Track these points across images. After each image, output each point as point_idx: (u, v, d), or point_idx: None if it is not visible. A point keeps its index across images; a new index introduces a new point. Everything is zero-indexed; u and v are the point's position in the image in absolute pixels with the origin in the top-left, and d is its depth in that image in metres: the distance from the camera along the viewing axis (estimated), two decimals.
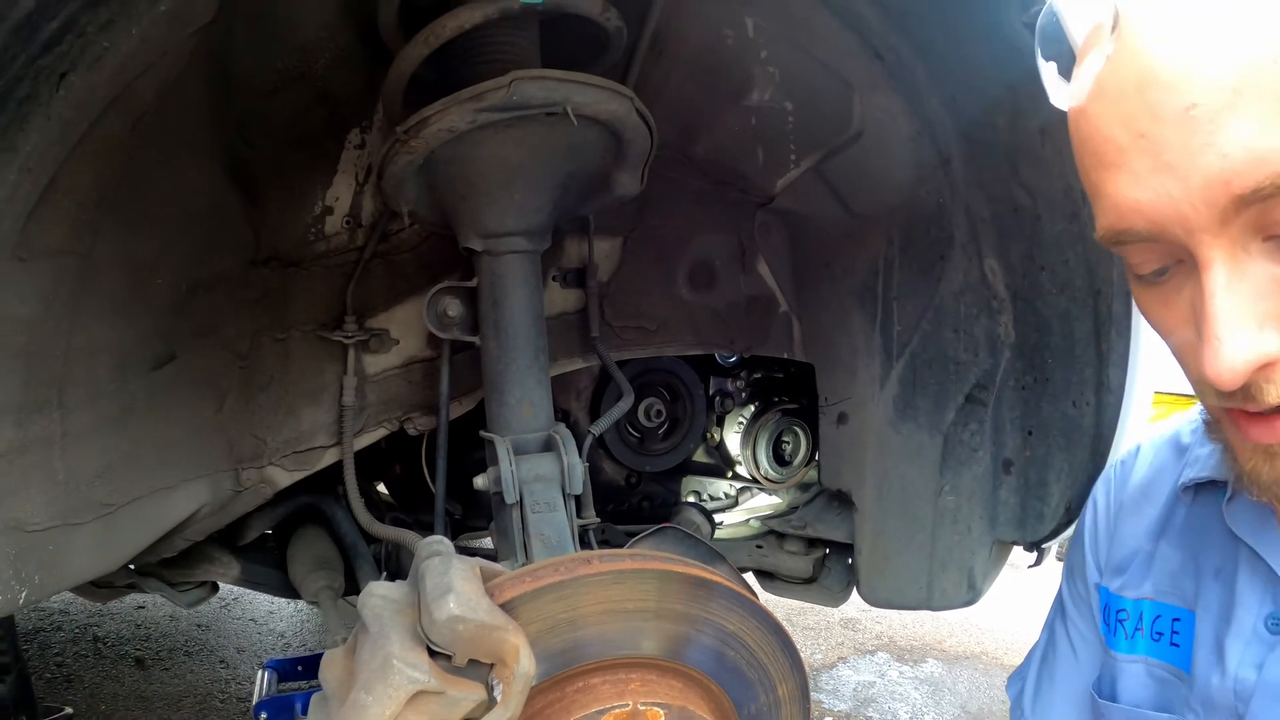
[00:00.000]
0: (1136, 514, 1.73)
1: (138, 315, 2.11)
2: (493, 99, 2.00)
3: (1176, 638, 1.58)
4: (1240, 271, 1.06)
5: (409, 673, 1.39)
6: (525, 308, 2.34)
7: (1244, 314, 1.06)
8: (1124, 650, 1.67)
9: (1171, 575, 1.61)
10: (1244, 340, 1.05)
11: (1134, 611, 1.66)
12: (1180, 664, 1.57)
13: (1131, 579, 1.68)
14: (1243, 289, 1.06)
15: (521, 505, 2.21)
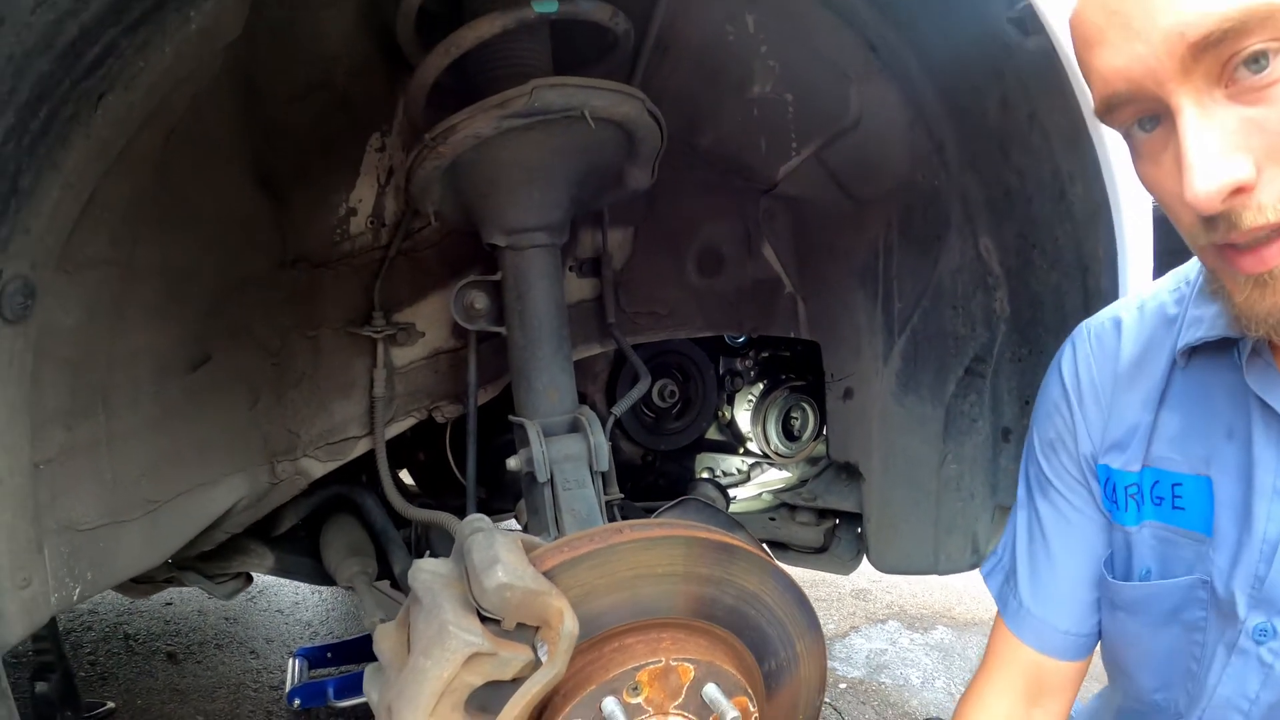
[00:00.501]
0: (1131, 388, 1.70)
1: (175, 320, 2.18)
2: (515, 106, 2.09)
3: (1179, 501, 1.60)
4: (1209, 113, 1.19)
5: (464, 637, 1.51)
6: (548, 298, 2.44)
7: (1215, 145, 1.18)
8: (1132, 521, 1.68)
9: (1171, 441, 1.62)
10: (1216, 166, 1.18)
11: (1141, 482, 1.66)
12: (1189, 525, 1.58)
13: (1135, 453, 1.67)
14: (1213, 125, 1.19)
15: (553, 483, 2.32)
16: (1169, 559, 1.61)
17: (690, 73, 2.66)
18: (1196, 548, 1.56)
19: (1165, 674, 1.68)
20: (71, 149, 1.61)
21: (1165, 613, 1.62)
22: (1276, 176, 1.19)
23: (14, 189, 1.53)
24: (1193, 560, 1.57)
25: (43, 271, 1.68)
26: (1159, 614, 1.63)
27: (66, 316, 1.81)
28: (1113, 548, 1.75)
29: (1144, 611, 1.66)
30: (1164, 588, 1.61)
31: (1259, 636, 1.48)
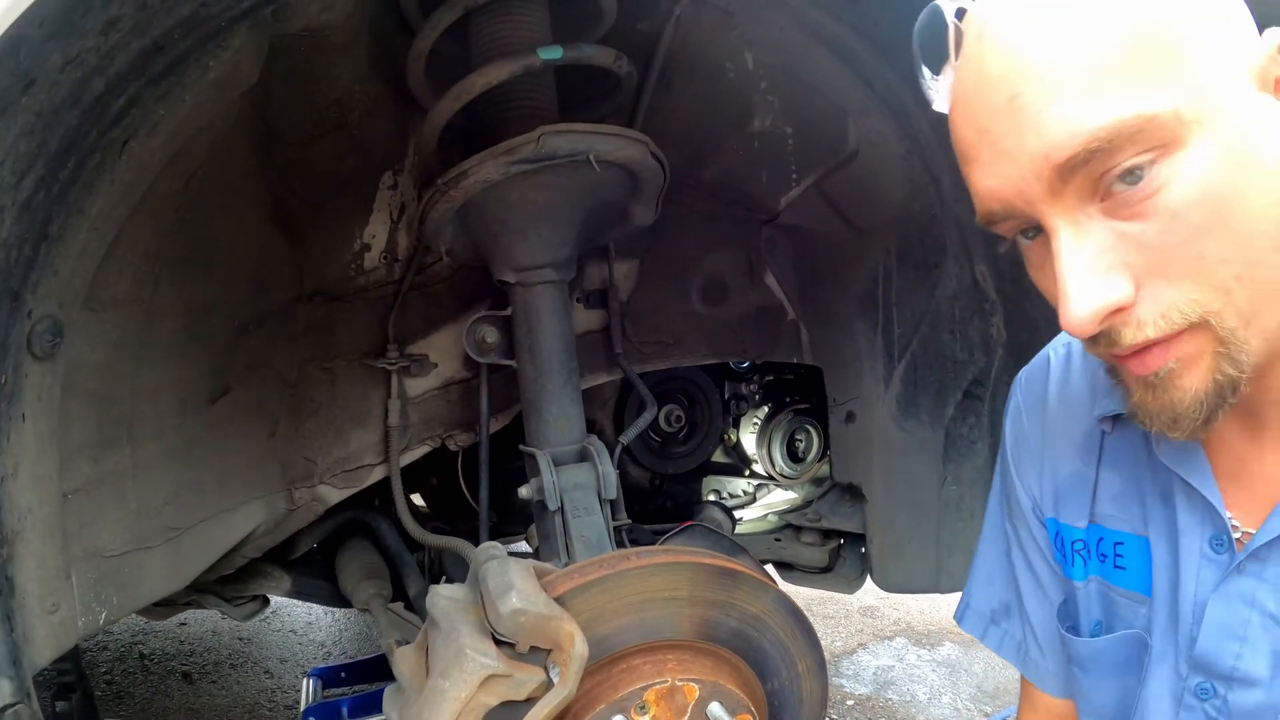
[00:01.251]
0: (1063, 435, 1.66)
1: (195, 354, 2.25)
2: (524, 153, 2.17)
3: (1120, 560, 1.58)
4: (1083, 232, 1.15)
5: (481, 659, 1.59)
6: (557, 333, 2.50)
7: (1089, 269, 1.15)
8: (1080, 577, 1.65)
9: (1113, 499, 1.59)
10: (1090, 292, 1.14)
11: (1088, 539, 1.64)
12: (1131, 585, 1.57)
13: (1083, 507, 1.64)
14: (1087, 246, 1.15)
15: (563, 511, 2.38)
16: (1113, 618, 1.62)
17: (692, 108, 2.71)
18: (1136, 608, 1.57)
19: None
20: (97, 195, 1.68)
21: (1114, 665, 1.62)
22: (1155, 291, 1.16)
23: (44, 235, 1.59)
24: (1131, 618, 1.58)
25: (70, 311, 1.74)
26: (1108, 667, 1.63)
27: (93, 353, 1.88)
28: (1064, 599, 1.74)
29: (1094, 666, 1.66)
30: (1110, 643, 1.61)
31: (1200, 694, 1.49)
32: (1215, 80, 1.12)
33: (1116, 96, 1.10)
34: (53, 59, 1.40)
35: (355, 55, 2.28)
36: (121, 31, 1.48)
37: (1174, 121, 1.09)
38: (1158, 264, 1.15)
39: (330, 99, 2.34)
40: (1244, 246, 1.12)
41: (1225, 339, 1.16)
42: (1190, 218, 1.11)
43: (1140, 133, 1.09)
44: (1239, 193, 1.11)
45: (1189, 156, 1.11)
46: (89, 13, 1.39)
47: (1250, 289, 1.14)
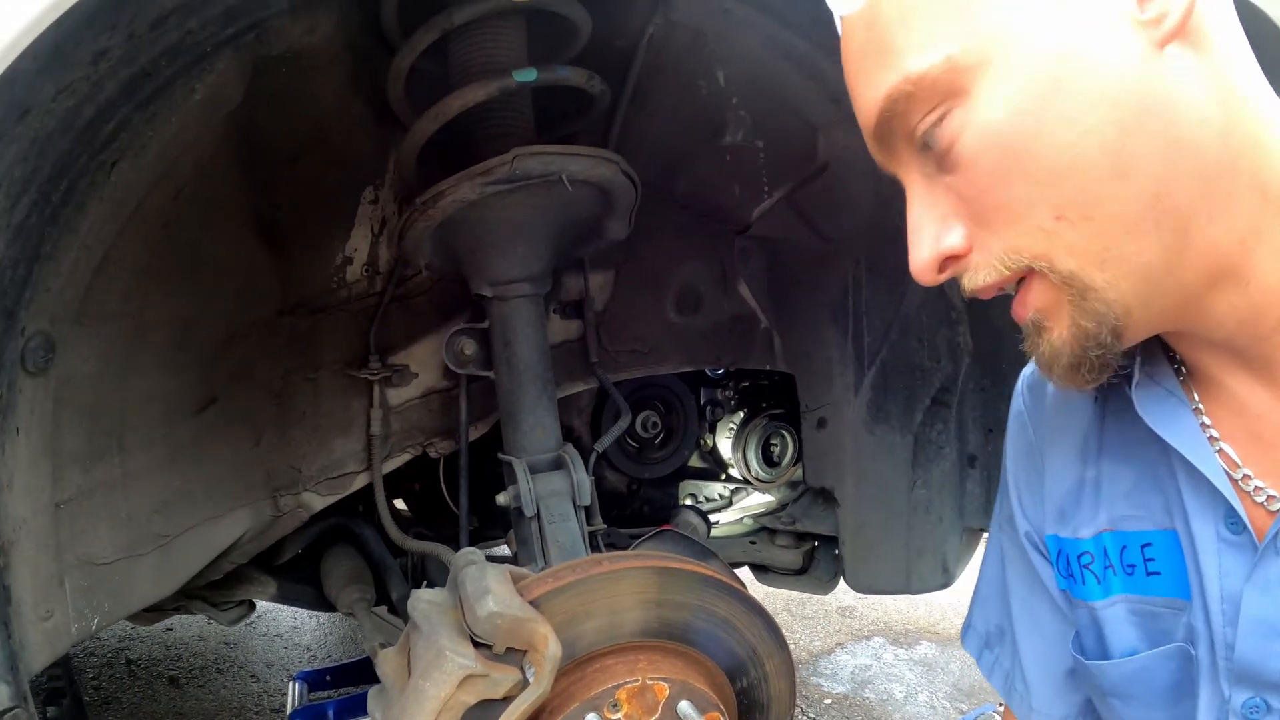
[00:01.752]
0: (1063, 444, 1.50)
1: (183, 366, 2.29)
2: (498, 174, 2.21)
3: (1152, 565, 1.37)
4: (920, 187, 1.19)
5: (459, 660, 1.66)
6: (533, 345, 2.55)
7: (923, 219, 1.19)
8: (1099, 597, 1.43)
9: (1127, 496, 1.40)
10: (923, 242, 1.18)
11: (1096, 550, 1.43)
12: (1169, 592, 1.35)
13: (1086, 515, 1.45)
14: (922, 199, 1.19)
15: (539, 517, 2.43)
16: (1154, 634, 1.39)
17: (666, 123, 2.75)
18: (1177, 617, 1.35)
19: None
20: (88, 214, 1.72)
21: (1164, 690, 1.39)
22: (983, 239, 1.16)
23: (37, 255, 1.64)
24: (1174, 631, 1.35)
25: (62, 326, 1.78)
26: (1157, 693, 1.40)
27: (84, 366, 1.91)
28: (1078, 626, 1.52)
29: (1138, 693, 1.42)
30: (1152, 659, 1.38)
31: (1250, 714, 1.26)
32: (1008, 13, 1.08)
33: (891, 67, 1.13)
34: (45, 89, 1.44)
35: (337, 75, 2.32)
36: (111, 61, 1.54)
37: (947, 73, 1.09)
38: (976, 213, 1.15)
39: (313, 117, 2.37)
40: (1055, 183, 1.08)
41: (1071, 285, 1.12)
42: (982, 165, 1.11)
43: (913, 93, 1.12)
44: (1040, 127, 1.07)
45: (974, 104, 1.10)
46: (80, 45, 1.44)
47: (1084, 228, 1.09)
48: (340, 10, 2.14)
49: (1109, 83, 1.05)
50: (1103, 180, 1.06)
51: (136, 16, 1.52)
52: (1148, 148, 1.05)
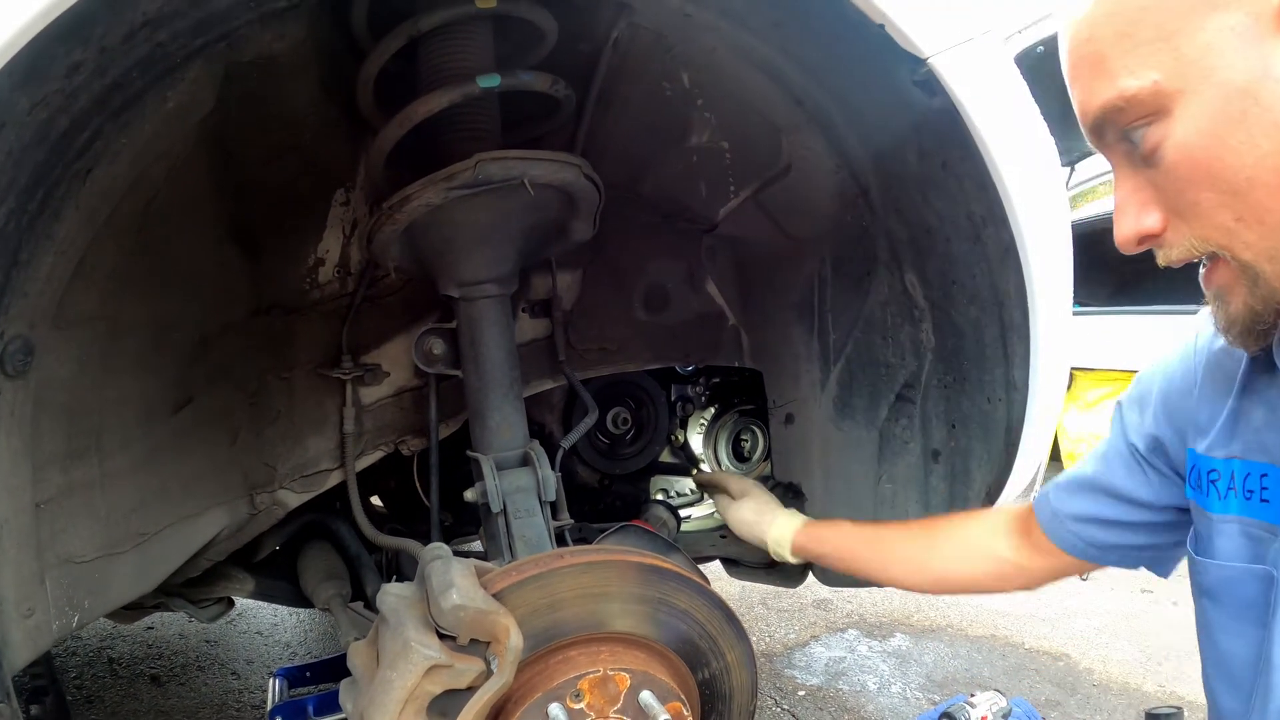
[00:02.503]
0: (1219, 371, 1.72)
1: (159, 367, 2.33)
2: (462, 179, 2.25)
3: (1266, 493, 1.59)
4: (1128, 171, 1.41)
5: (424, 651, 1.71)
6: (499, 344, 2.59)
7: (1128, 202, 1.42)
8: (1217, 510, 1.67)
9: (1256, 431, 1.62)
10: (1127, 221, 1.42)
11: (1224, 471, 1.67)
12: (1270, 518, 1.57)
13: (1219, 438, 1.69)
14: (1129, 184, 1.42)
15: (505, 513, 2.48)
16: (1253, 553, 1.62)
17: (632, 125, 2.78)
18: (1272, 541, 1.57)
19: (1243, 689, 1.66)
20: (64, 220, 1.76)
21: (1244, 604, 1.63)
22: (1176, 225, 1.38)
23: (14, 262, 1.68)
24: (1266, 553, 1.58)
25: (40, 330, 1.82)
26: (1239, 604, 1.64)
27: (61, 369, 1.95)
28: (1196, 528, 1.77)
29: (1225, 599, 1.67)
30: (1244, 572, 1.62)
31: None
32: (1204, 50, 1.26)
33: (1107, 80, 1.35)
34: (21, 104, 1.48)
35: (307, 80, 2.35)
36: (84, 74, 1.57)
37: (1153, 96, 1.30)
38: (1172, 205, 1.37)
39: (284, 121, 2.41)
40: (1238, 194, 1.28)
41: (1244, 272, 1.35)
42: (1178, 173, 1.33)
43: (1125, 108, 1.34)
44: (1227, 150, 1.26)
45: (1174, 121, 1.30)
46: (53, 60, 1.48)
47: (1258, 230, 1.29)
48: (309, 17, 2.16)
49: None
50: (1274, 195, 1.26)
51: (108, 31, 1.55)
52: None
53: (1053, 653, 5.66)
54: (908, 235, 2.59)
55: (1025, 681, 5.28)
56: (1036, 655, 5.64)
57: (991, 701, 2.47)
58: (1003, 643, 5.82)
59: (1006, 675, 5.37)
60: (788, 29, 2.25)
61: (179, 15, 1.68)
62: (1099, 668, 5.44)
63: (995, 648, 5.74)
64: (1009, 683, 5.26)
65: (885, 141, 2.45)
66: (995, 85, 2.02)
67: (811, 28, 2.21)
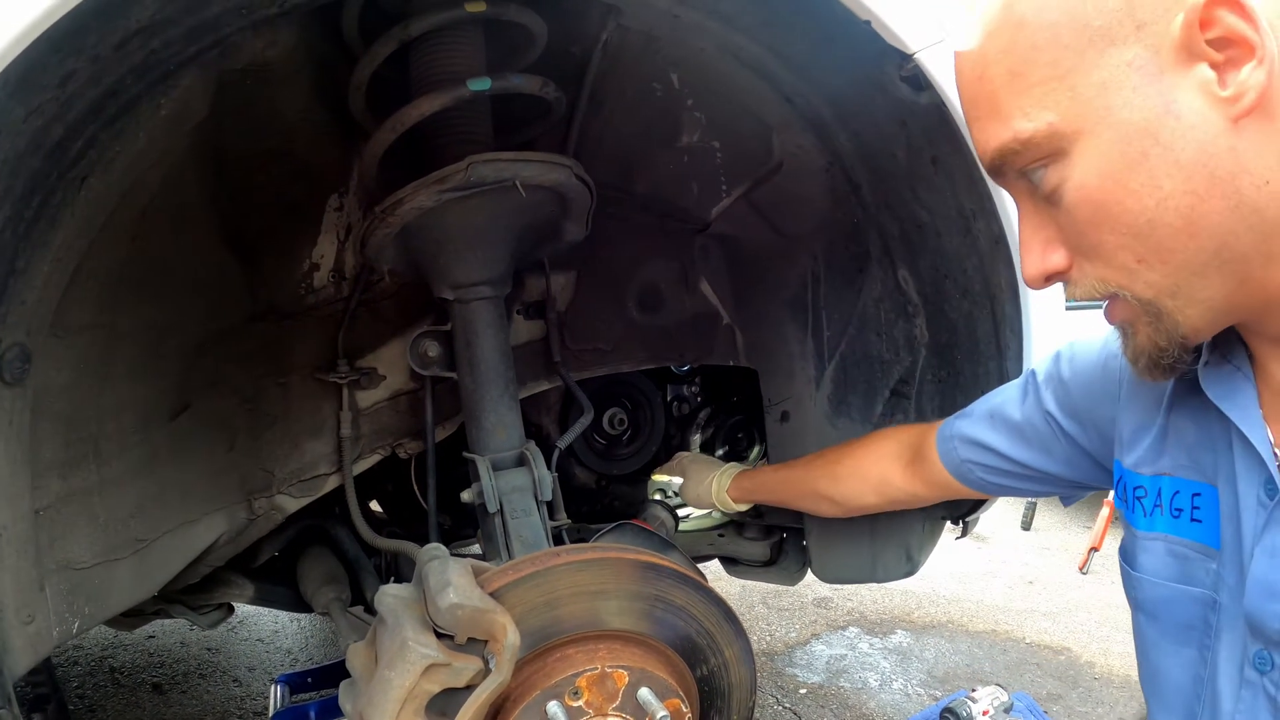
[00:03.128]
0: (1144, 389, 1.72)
1: (156, 373, 2.33)
2: (454, 181, 2.26)
3: (1198, 513, 1.57)
4: (1030, 208, 1.41)
5: (422, 650, 1.72)
6: (494, 346, 2.60)
7: (1032, 239, 1.41)
8: (1143, 527, 1.67)
9: (1188, 449, 1.61)
10: (1032, 260, 1.41)
11: (1151, 488, 1.67)
12: (1204, 539, 1.56)
13: (1147, 455, 1.68)
14: (1032, 221, 1.41)
15: (502, 513, 2.49)
16: (1182, 573, 1.61)
17: (623, 126, 2.79)
18: (1206, 563, 1.56)
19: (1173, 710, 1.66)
20: (60, 228, 1.76)
21: (1181, 626, 1.61)
22: (1080, 264, 1.37)
23: (11, 270, 1.68)
24: (1202, 576, 1.57)
25: (37, 337, 1.82)
26: (1175, 626, 1.62)
27: (59, 376, 1.96)
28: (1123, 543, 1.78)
29: (1162, 617, 1.65)
30: (1180, 593, 1.60)
31: (1260, 665, 1.46)
32: (1101, 89, 1.24)
33: (1001, 121, 1.33)
34: (15, 112, 1.49)
35: (300, 86, 2.36)
36: (78, 82, 1.58)
37: (1049, 138, 1.29)
38: (1074, 244, 1.36)
39: (277, 127, 2.41)
40: (1140, 237, 1.27)
41: (1148, 310, 1.34)
42: (1078, 214, 1.31)
43: (1021, 150, 1.32)
44: (1126, 193, 1.25)
45: (1072, 163, 1.29)
46: (47, 69, 1.48)
47: (1160, 270, 1.29)
48: (300, 23, 2.18)
49: (1186, 156, 1.22)
50: (1176, 236, 1.25)
51: (101, 39, 1.55)
52: (1216, 211, 1.23)
53: (1054, 647, 5.68)
54: (899, 230, 2.60)
55: (1027, 676, 5.30)
56: (1038, 649, 5.66)
57: (993, 696, 2.48)
58: (1004, 637, 5.83)
59: (1008, 670, 5.38)
60: (776, 28, 2.26)
61: (171, 23, 1.68)
62: (1100, 661, 5.46)
63: (996, 643, 5.75)
64: (1010, 677, 5.28)
65: (875, 138, 2.46)
66: None
67: (799, 26, 2.22)
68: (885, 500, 2.52)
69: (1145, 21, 1.22)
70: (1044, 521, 8.30)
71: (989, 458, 2.16)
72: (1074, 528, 8.11)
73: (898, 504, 2.54)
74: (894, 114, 2.31)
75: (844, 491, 2.57)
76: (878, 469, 2.47)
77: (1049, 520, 8.37)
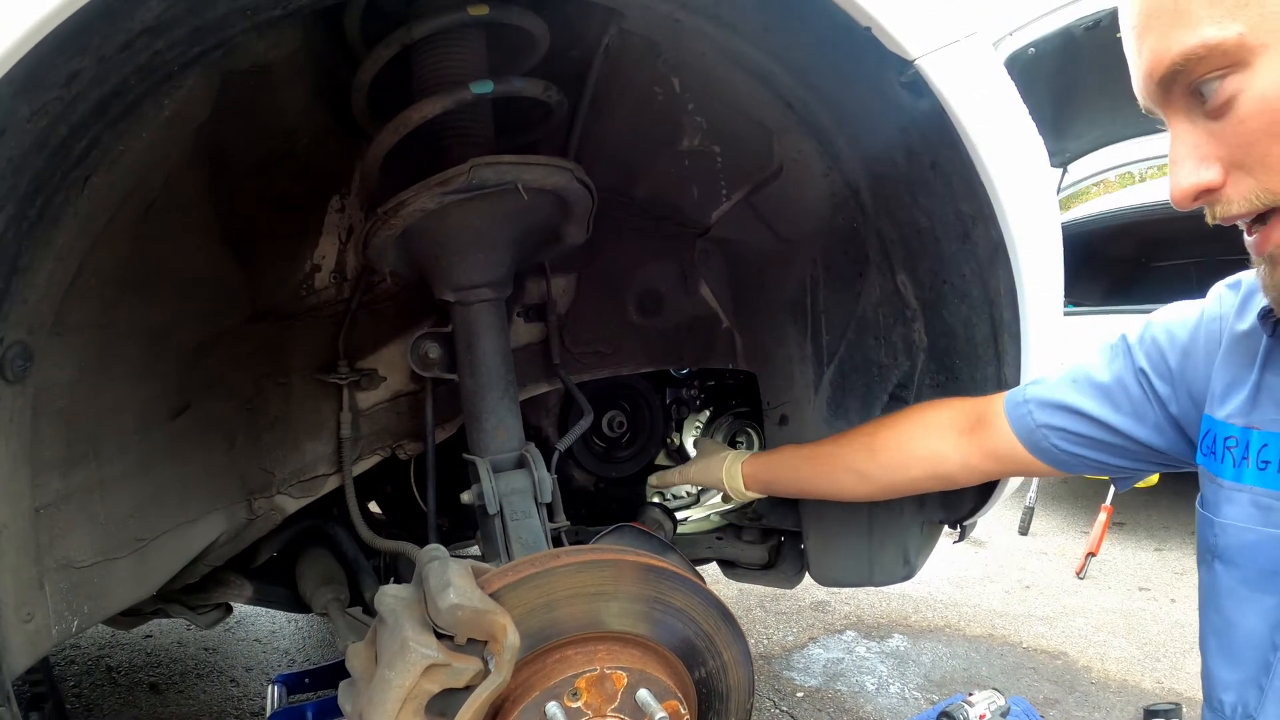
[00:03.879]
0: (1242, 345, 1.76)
1: (156, 373, 2.34)
2: (456, 183, 2.26)
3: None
4: (1185, 128, 1.45)
5: (422, 650, 1.73)
6: (494, 348, 2.60)
7: (1187, 156, 1.44)
8: (1230, 477, 1.71)
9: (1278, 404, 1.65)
10: (1184, 174, 1.44)
11: (1242, 439, 1.70)
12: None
13: (1241, 407, 1.72)
14: (1186, 139, 1.45)
15: (502, 515, 2.49)
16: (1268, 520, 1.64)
17: (624, 129, 2.80)
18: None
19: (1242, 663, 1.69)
20: (62, 227, 1.77)
21: (1265, 573, 1.64)
22: (1238, 178, 1.41)
23: (14, 269, 1.69)
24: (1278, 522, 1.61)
25: (38, 336, 1.83)
26: (1258, 572, 1.66)
27: (60, 374, 1.97)
28: (1204, 493, 1.82)
29: (1244, 564, 1.68)
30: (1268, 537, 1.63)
31: None
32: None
33: (1189, 28, 1.36)
34: (21, 111, 1.49)
35: (302, 87, 2.37)
36: (83, 82, 1.58)
37: (1237, 47, 1.32)
38: (1238, 157, 1.41)
39: (279, 129, 2.42)
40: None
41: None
42: (1251, 124, 1.36)
43: (1206, 56, 1.35)
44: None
45: (1254, 74, 1.33)
46: (52, 69, 1.49)
47: None
48: (303, 25, 2.19)
49: None
50: None
51: (106, 40, 1.56)
52: None
53: (1050, 651, 5.68)
54: (898, 235, 2.60)
55: (1023, 680, 5.29)
56: (1034, 654, 5.65)
57: (990, 700, 2.48)
58: (1000, 642, 5.83)
59: (1004, 674, 5.38)
60: (777, 33, 2.27)
61: (176, 24, 1.68)
62: (1097, 665, 5.45)
63: (993, 647, 5.75)
64: (1007, 681, 5.28)
65: (875, 143, 2.46)
66: (982, 85, 2.04)
67: (800, 31, 2.22)
68: (930, 474, 2.44)
69: None
70: (1041, 526, 8.30)
71: (1073, 422, 2.11)
72: (1071, 533, 8.11)
73: (945, 480, 2.47)
74: (894, 120, 2.30)
75: (883, 464, 2.49)
76: (927, 439, 2.42)
77: (1046, 525, 8.36)
